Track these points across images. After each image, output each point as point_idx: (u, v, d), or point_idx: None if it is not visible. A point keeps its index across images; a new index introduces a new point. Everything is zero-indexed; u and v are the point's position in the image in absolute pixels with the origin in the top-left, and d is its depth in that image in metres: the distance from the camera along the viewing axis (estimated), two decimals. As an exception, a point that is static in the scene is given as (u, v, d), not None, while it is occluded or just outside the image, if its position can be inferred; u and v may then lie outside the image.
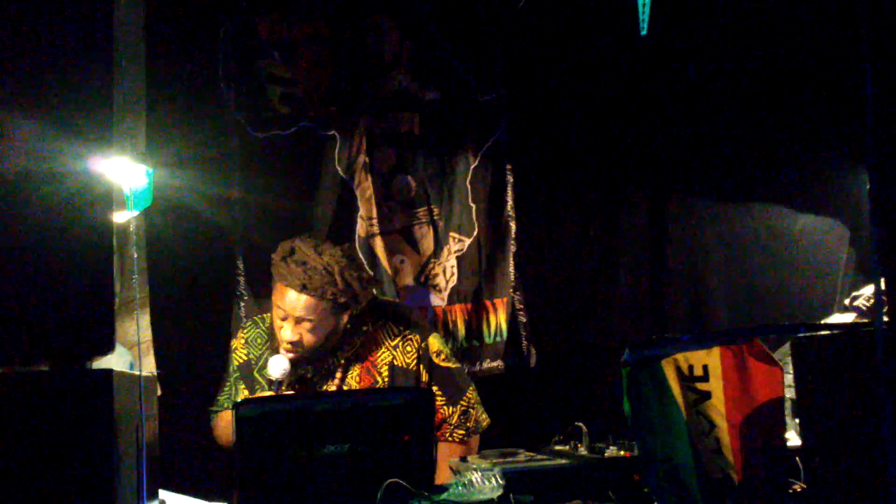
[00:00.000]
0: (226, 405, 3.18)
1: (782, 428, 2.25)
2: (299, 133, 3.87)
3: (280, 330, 3.04)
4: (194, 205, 3.61)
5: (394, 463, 2.31)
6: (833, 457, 2.15)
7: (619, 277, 4.05)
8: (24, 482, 1.98)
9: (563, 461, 2.48)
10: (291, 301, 2.99)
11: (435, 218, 4.01)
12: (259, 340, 3.19)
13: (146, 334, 3.47)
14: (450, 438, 3.16)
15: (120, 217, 2.69)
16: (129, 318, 3.30)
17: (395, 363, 3.12)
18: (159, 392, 3.01)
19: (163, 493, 2.58)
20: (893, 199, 2.06)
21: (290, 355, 3.01)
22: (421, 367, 3.15)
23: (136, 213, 2.68)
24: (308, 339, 3.01)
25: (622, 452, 2.51)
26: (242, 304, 3.74)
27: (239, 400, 3.08)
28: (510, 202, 4.06)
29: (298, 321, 3.00)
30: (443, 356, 3.20)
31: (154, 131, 3.60)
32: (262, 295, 3.82)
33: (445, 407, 3.15)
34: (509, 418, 3.71)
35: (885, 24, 2.03)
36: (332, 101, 3.91)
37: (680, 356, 2.21)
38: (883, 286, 2.03)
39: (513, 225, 4.05)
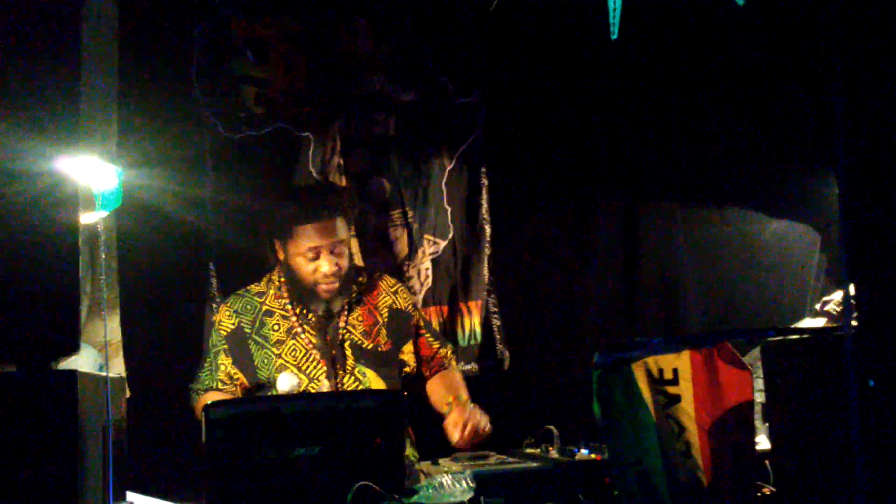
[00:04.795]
0: (208, 383, 3.13)
1: (752, 431, 2.26)
2: (273, 134, 3.84)
3: (314, 272, 3.10)
4: (166, 205, 3.57)
5: (364, 465, 2.30)
6: (802, 460, 2.16)
7: (593, 281, 4.06)
8: (-13, 484, 1.95)
9: (534, 464, 2.49)
10: (327, 230, 3.09)
11: (409, 220, 4.00)
12: (249, 307, 3.19)
13: (116, 335, 3.44)
14: (447, 366, 3.33)
15: (89, 217, 2.66)
16: (99, 319, 3.28)
17: (395, 306, 3.26)
18: (128, 394, 2.99)
19: (131, 496, 2.56)
20: (862, 206, 2.08)
21: (334, 285, 3.10)
22: (416, 314, 3.32)
23: (105, 213, 2.66)
24: (343, 263, 3.12)
25: (593, 455, 2.52)
26: (214, 305, 3.71)
27: (221, 373, 3.10)
28: (485, 205, 4.05)
29: (334, 249, 3.09)
30: (424, 314, 3.45)
31: (125, 131, 3.58)
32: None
33: (442, 349, 3.33)
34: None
35: (853, 35, 2.05)
36: (307, 102, 3.89)
37: (650, 359, 2.21)
38: (851, 291, 2.05)
39: (488, 228, 4.05)
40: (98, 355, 3.30)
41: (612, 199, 4.07)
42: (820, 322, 3.31)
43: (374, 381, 3.13)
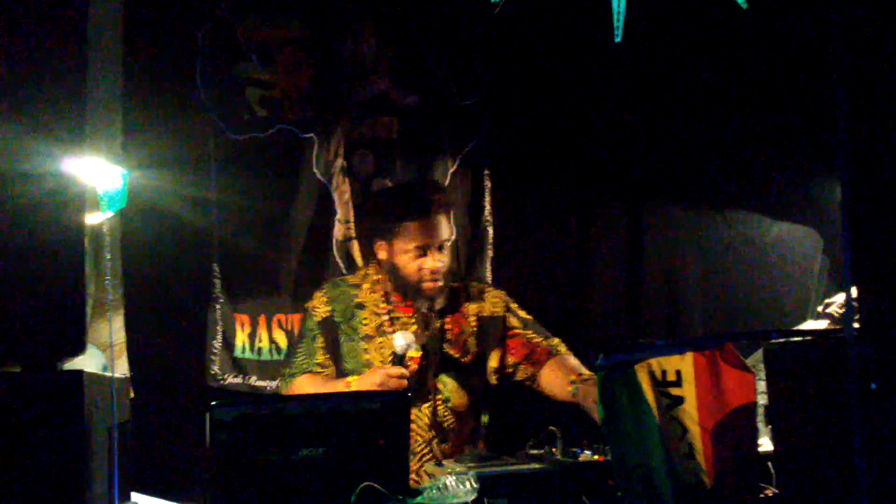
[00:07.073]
0: (305, 366, 3.14)
1: (754, 433, 2.27)
2: (277, 135, 3.85)
3: (419, 270, 3.10)
4: (170, 207, 3.59)
5: (368, 466, 2.31)
6: (804, 462, 2.17)
7: (596, 283, 4.06)
8: (-6, 484, 1.96)
9: (538, 465, 2.49)
10: (433, 227, 3.09)
11: (413, 222, 4.00)
12: (344, 297, 3.20)
13: (120, 336, 3.45)
14: (555, 353, 3.25)
15: (94, 218, 2.67)
16: (103, 320, 3.28)
17: (483, 313, 3.24)
18: (132, 394, 3.00)
19: (135, 496, 2.56)
20: (864, 209, 2.09)
21: (438, 283, 3.10)
22: (508, 315, 3.27)
23: (110, 214, 2.67)
24: (447, 261, 3.14)
25: (596, 457, 2.52)
26: (218, 306, 3.72)
27: (319, 356, 3.13)
28: (488, 207, 4.05)
29: (441, 246, 3.11)
30: (523, 311, 3.34)
31: (131, 133, 3.59)
32: (239, 297, 3.81)
33: (545, 341, 3.27)
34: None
35: (856, 38, 2.06)
36: (311, 104, 3.90)
37: (653, 361, 2.22)
38: (854, 294, 2.06)
39: (490, 230, 4.05)
40: (102, 356, 3.30)
41: (616, 202, 4.07)
42: (822, 324, 3.31)
43: (454, 393, 3.15)
